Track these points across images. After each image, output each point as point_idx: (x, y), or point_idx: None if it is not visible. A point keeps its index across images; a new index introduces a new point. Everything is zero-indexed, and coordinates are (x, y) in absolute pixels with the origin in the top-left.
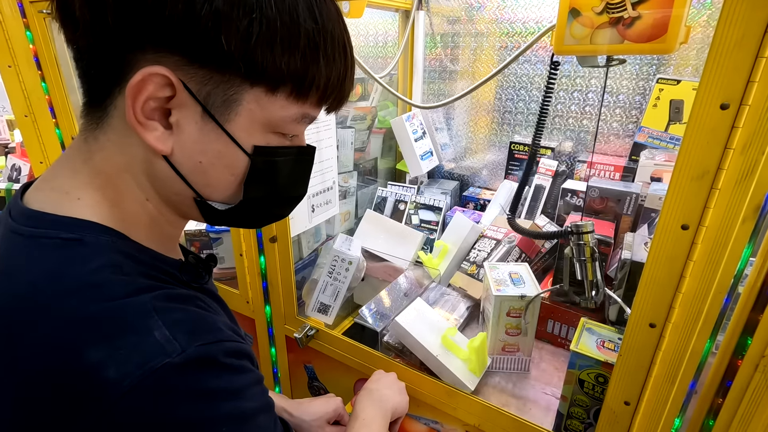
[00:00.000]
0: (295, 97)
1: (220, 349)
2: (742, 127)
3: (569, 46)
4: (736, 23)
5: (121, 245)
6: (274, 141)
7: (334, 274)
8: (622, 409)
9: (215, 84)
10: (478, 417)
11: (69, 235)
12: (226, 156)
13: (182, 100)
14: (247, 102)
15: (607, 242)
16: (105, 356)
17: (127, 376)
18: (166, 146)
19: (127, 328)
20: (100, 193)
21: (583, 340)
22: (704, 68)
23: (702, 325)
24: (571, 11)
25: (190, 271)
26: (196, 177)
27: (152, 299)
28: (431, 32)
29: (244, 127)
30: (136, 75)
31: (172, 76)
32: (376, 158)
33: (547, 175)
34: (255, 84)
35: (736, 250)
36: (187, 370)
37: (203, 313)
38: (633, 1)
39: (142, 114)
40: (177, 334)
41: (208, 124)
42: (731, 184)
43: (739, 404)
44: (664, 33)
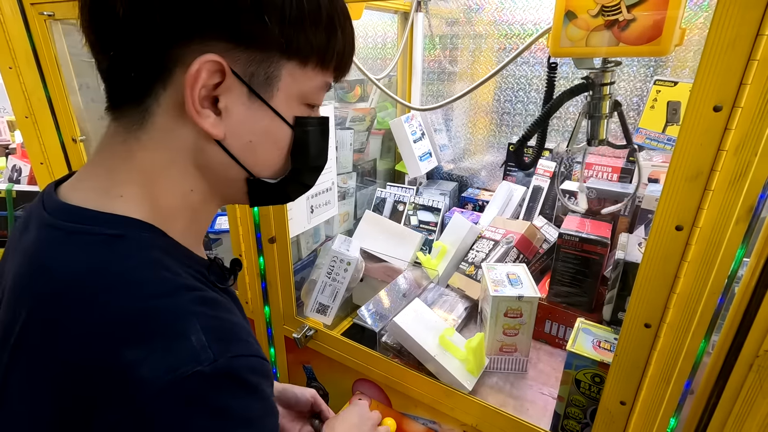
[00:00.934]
0: (321, 67)
1: (248, 364)
2: (734, 129)
3: (565, 48)
4: (729, 26)
5: (162, 242)
6: (305, 112)
7: (332, 274)
8: (618, 408)
9: (258, 64)
10: (476, 417)
11: (112, 231)
12: (272, 131)
13: (230, 85)
14: (285, 76)
15: (603, 243)
16: (141, 355)
17: (160, 378)
18: (220, 131)
19: (165, 330)
20: (142, 190)
21: (579, 341)
22: (698, 70)
23: (697, 325)
24: (567, 14)
25: (217, 272)
26: (247, 156)
27: (192, 301)
28: (430, 34)
29: (284, 101)
30: (194, 64)
31: (223, 62)
32: (375, 159)
33: (545, 177)
34: (291, 58)
35: (729, 251)
36: (215, 381)
37: (234, 320)
38: (628, 4)
39: (198, 103)
40: (212, 342)
41: (254, 103)
42: (725, 185)
43: (733, 404)
44: (658, 35)
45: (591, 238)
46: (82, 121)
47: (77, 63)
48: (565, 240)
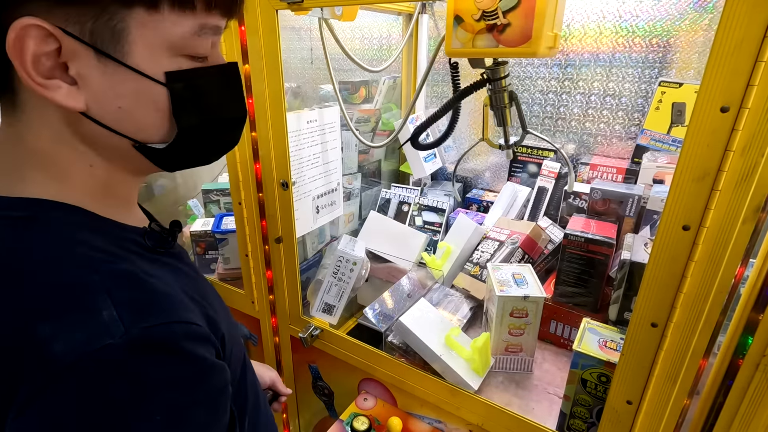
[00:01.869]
0: (180, 7)
1: (169, 331)
2: (742, 130)
3: (456, 49)
4: (736, 27)
5: (75, 219)
6: (185, 65)
7: (338, 274)
8: (625, 408)
9: (93, 18)
10: (482, 416)
11: (20, 213)
12: (142, 92)
13: (71, 48)
14: (135, 28)
15: (609, 243)
16: (54, 331)
17: (71, 353)
18: (78, 102)
19: (76, 306)
20: (44, 171)
21: (585, 340)
22: (705, 71)
23: (703, 325)
24: (456, 18)
25: (155, 236)
26: (124, 124)
27: (105, 276)
28: (436, 35)
29: (146, 56)
30: (9, 33)
31: (46, 24)
32: (379, 160)
33: (550, 177)
34: (131, 5)
35: (736, 251)
36: (129, 352)
37: (162, 290)
38: (504, 10)
39: (38, 75)
40: (124, 314)
41: (108, 64)
42: (731, 186)
43: (740, 403)
44: (529, 38)
45: (596, 238)
46: None
47: None
48: (571, 240)
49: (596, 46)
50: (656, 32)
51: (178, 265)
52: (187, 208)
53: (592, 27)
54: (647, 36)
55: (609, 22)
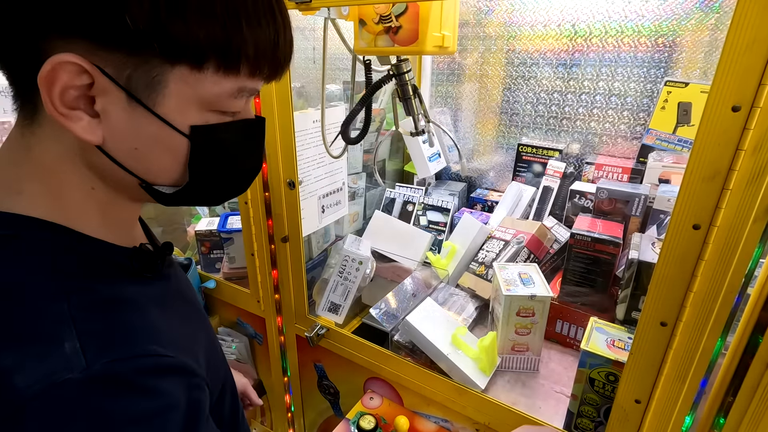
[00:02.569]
0: (224, 70)
1: (133, 366)
2: (753, 129)
3: (362, 48)
4: (748, 27)
5: (60, 241)
6: (213, 119)
7: (344, 273)
8: (633, 407)
9: (133, 66)
10: (488, 415)
11: (4, 231)
12: (162, 140)
13: (103, 86)
14: (173, 82)
15: (615, 243)
16: (15, 361)
17: (31, 386)
18: (96, 136)
19: (40, 336)
20: (43, 185)
21: (593, 340)
22: (716, 71)
23: (713, 323)
24: (360, 21)
25: (144, 259)
26: (135, 163)
27: (73, 306)
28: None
29: (177, 108)
30: (45, 65)
31: (84, 63)
32: (384, 160)
33: (555, 177)
34: (176, 63)
35: (747, 250)
36: (88, 388)
37: (131, 322)
38: (396, 14)
39: (62, 105)
40: (88, 347)
41: (136, 108)
42: (742, 185)
43: (749, 402)
44: (416, 39)
45: (603, 237)
46: None
47: None
48: (577, 240)
49: (601, 45)
50: (662, 32)
51: (166, 290)
52: (191, 207)
53: (598, 27)
54: (653, 36)
55: (614, 21)
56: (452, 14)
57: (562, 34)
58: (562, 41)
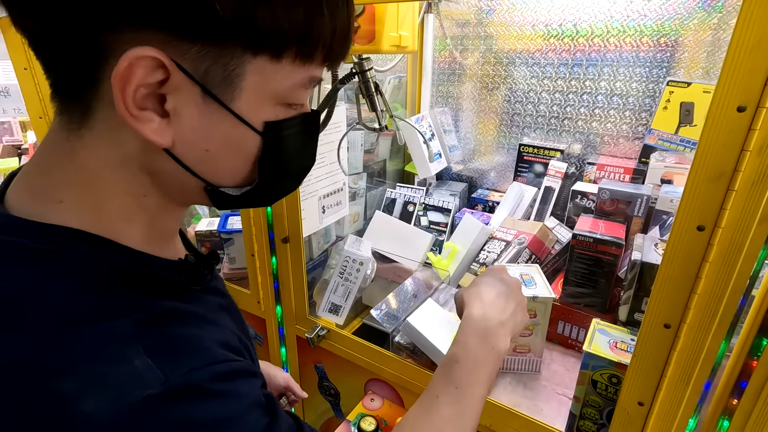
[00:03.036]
0: (301, 59)
1: (207, 374)
2: (759, 130)
3: None
4: (754, 26)
5: (105, 255)
6: (282, 113)
7: (345, 274)
8: (636, 409)
9: (212, 59)
10: (490, 417)
11: (45, 246)
12: (235, 139)
13: (177, 83)
14: (251, 75)
15: (618, 244)
16: (81, 387)
17: (105, 410)
18: (166, 138)
19: (104, 356)
20: (85, 194)
21: (595, 341)
22: (721, 71)
23: (717, 325)
24: None
25: (190, 272)
26: (204, 166)
27: (134, 322)
28: (441, 35)
29: (251, 103)
30: (121, 61)
31: (163, 58)
32: (384, 160)
33: (556, 177)
34: (258, 52)
35: (752, 252)
36: (170, 401)
37: (192, 332)
38: (355, 15)
39: (134, 105)
40: (159, 362)
41: (210, 105)
42: (747, 186)
43: (754, 405)
44: (373, 38)
45: (605, 238)
46: None
47: None
48: (579, 240)
49: (603, 45)
50: (664, 31)
51: (215, 300)
52: (192, 207)
53: (600, 26)
54: (655, 35)
55: (617, 21)
56: (410, 15)
57: (564, 33)
58: (563, 41)
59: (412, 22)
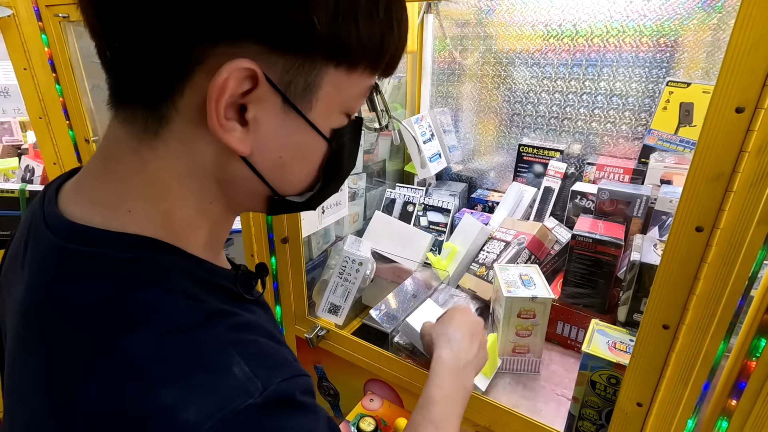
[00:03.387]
0: (370, 70)
1: (296, 385)
2: (757, 130)
3: None
4: (752, 27)
5: (181, 262)
6: (343, 122)
7: (344, 275)
8: (635, 410)
9: (297, 70)
10: (489, 417)
11: (124, 254)
12: (306, 147)
13: (262, 93)
14: (327, 85)
15: (617, 244)
16: (182, 396)
17: (208, 419)
18: (246, 147)
19: (204, 364)
20: (153, 204)
21: (594, 342)
22: (719, 72)
23: (716, 326)
24: None
25: (245, 282)
26: (275, 174)
27: (227, 328)
28: (441, 35)
29: (323, 112)
30: (221, 72)
31: (257, 69)
32: (384, 160)
33: (556, 178)
34: (339, 64)
35: (750, 253)
36: (267, 410)
37: (270, 343)
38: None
39: (223, 115)
40: (256, 370)
41: (288, 114)
42: (746, 187)
43: (752, 406)
44: None
45: (604, 239)
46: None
47: (88, 64)
48: (579, 241)
49: (603, 45)
50: (664, 32)
51: (264, 314)
52: None
53: (599, 27)
54: (655, 35)
55: (616, 21)
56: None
57: (564, 33)
58: (563, 41)
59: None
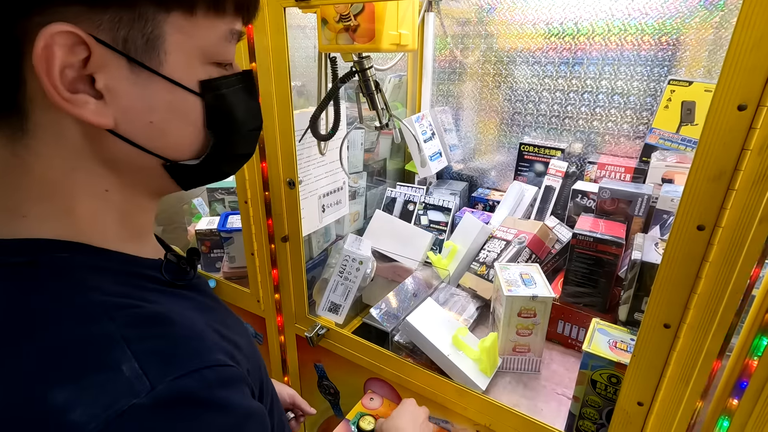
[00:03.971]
0: (214, 11)
1: (200, 380)
2: (759, 128)
3: (326, 45)
4: (754, 25)
5: (82, 259)
6: (215, 73)
7: (344, 273)
8: (636, 409)
9: (128, 25)
10: (489, 417)
11: (19, 258)
12: (176, 104)
13: (101, 58)
14: (171, 35)
15: (618, 243)
16: (71, 397)
17: (93, 419)
18: (107, 118)
19: (93, 363)
20: (48, 205)
21: (595, 341)
22: (722, 70)
23: (717, 326)
24: (323, 20)
25: (173, 269)
26: (154, 140)
27: (121, 325)
28: (441, 33)
29: (180, 65)
30: (37, 42)
31: (78, 30)
32: (385, 159)
33: (557, 177)
34: (170, 9)
35: (752, 251)
36: (157, 410)
37: (183, 333)
38: (354, 14)
39: (64, 89)
40: (149, 367)
41: (140, 75)
42: (748, 185)
43: (754, 405)
44: (373, 37)
45: (605, 238)
46: None
47: None
48: (580, 240)
49: (604, 44)
50: (665, 30)
51: (200, 298)
52: (192, 206)
53: (601, 25)
54: (656, 34)
55: (618, 20)
56: (410, 13)
57: (565, 32)
58: (564, 39)
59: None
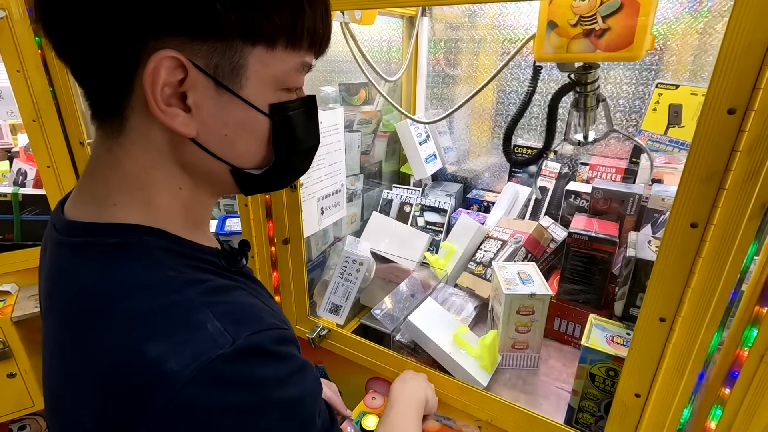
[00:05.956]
0: (291, 47)
1: (267, 337)
2: (748, 131)
3: (549, 54)
4: (743, 33)
5: (162, 242)
6: (284, 97)
7: (345, 274)
8: (633, 401)
9: (220, 54)
10: (491, 412)
11: (113, 240)
12: (247, 122)
13: (194, 79)
14: (253, 64)
15: (612, 241)
16: (164, 350)
17: (187, 368)
18: (191, 129)
19: (181, 323)
20: (133, 196)
21: (593, 336)
22: (712, 75)
23: (710, 318)
24: (549, 23)
25: (227, 257)
26: (225, 150)
27: (201, 293)
28: (434, 37)
29: (256, 89)
30: (149, 63)
31: (181, 57)
32: (380, 161)
33: (550, 178)
34: (256, 44)
35: (742, 247)
36: (238, 359)
37: (248, 301)
38: (603, 15)
39: (162, 102)
40: (227, 326)
41: (223, 96)
42: (738, 184)
43: (745, 394)
44: (631, 42)
45: (600, 236)
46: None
47: None
48: (575, 239)
49: None
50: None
51: (248, 282)
52: None
53: None
54: None
55: None
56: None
57: None
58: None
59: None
